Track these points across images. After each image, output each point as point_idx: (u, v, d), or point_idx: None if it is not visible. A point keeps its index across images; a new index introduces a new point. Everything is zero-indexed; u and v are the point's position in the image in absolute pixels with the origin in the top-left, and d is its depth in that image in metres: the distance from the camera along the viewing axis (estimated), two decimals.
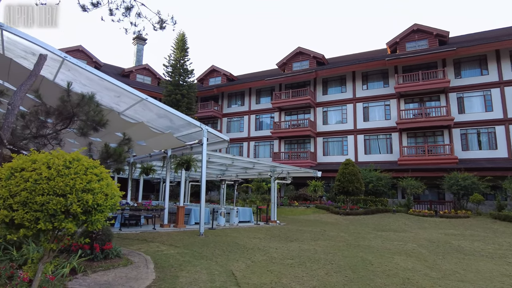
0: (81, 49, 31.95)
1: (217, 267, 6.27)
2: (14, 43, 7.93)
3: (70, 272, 5.14)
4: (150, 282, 5.01)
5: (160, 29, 10.35)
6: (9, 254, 5.24)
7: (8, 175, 2.84)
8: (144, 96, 9.06)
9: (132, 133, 9.17)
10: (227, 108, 36.10)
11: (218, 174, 20.83)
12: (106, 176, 3.20)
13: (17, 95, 5.92)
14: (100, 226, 3.16)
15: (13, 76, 9.25)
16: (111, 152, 6.60)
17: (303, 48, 32.89)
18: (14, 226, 2.87)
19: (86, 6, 10.12)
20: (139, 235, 10.16)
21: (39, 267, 3.39)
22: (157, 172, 17.73)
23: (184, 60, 30.35)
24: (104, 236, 6.19)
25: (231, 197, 26.56)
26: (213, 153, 13.99)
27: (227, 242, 9.41)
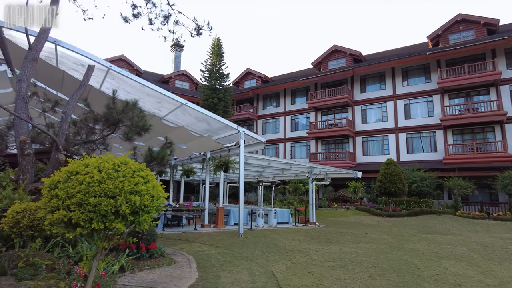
0: (123, 58, 33.69)
1: (258, 268, 6.31)
2: (66, 57, 8.55)
3: (119, 270, 5.44)
4: (194, 281, 5.15)
5: (197, 35, 10.66)
6: (66, 251, 5.64)
7: (66, 178, 3.08)
8: (183, 101, 9.35)
9: (173, 137, 9.51)
10: (262, 110, 36.27)
11: (255, 175, 20.98)
12: (151, 178, 3.36)
13: (70, 104, 6.38)
14: (147, 227, 3.31)
15: (65, 87, 9.96)
16: (155, 155, 6.90)
17: (339, 46, 32.23)
18: (71, 225, 3.10)
19: (127, 17, 10.68)
20: (181, 235, 10.50)
21: (93, 264, 3.62)
22: (196, 174, 18.22)
23: (220, 65, 30.94)
24: (149, 236, 6.47)
25: (269, 198, 26.61)
26: (250, 154, 14.12)
27: (266, 243, 9.44)
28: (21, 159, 5.79)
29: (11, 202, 5.03)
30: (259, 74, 37.43)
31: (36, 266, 4.49)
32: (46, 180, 3.18)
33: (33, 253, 4.76)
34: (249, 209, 14.78)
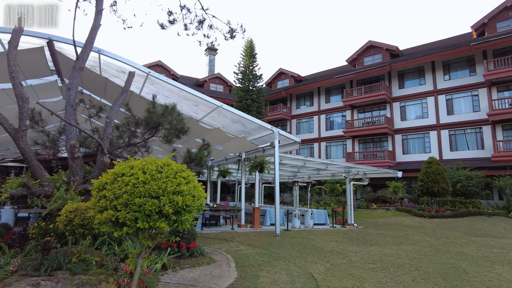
0: (160, 63, 34.95)
1: (296, 268, 6.27)
2: (108, 64, 9.02)
3: (161, 268, 5.65)
4: (233, 281, 5.23)
5: (230, 38, 10.82)
6: (112, 249, 5.95)
7: (112, 179, 3.26)
8: (219, 104, 9.52)
9: (210, 138, 9.73)
10: (296, 110, 36.01)
11: (290, 175, 20.87)
12: (192, 179, 3.46)
13: (113, 110, 6.72)
14: (189, 226, 3.41)
15: (108, 93, 10.51)
16: (193, 156, 7.09)
17: (374, 41, 31.24)
18: (118, 224, 3.28)
19: (164, 24, 11.08)
20: (219, 234, 10.69)
21: (138, 262, 3.80)
22: (232, 174, 18.47)
23: (252, 66, 31.16)
24: (189, 235, 6.66)
25: (304, 199, 26.35)
26: (285, 155, 14.07)
27: (304, 244, 9.36)
28: (71, 162, 6.20)
29: (64, 202, 5.41)
30: (292, 73, 37.21)
31: (87, 262, 4.79)
32: (95, 182, 3.38)
33: (84, 250, 5.08)
34: (285, 210, 14.73)
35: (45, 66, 9.50)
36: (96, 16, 7.79)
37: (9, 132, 5.56)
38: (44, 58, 8.93)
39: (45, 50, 8.63)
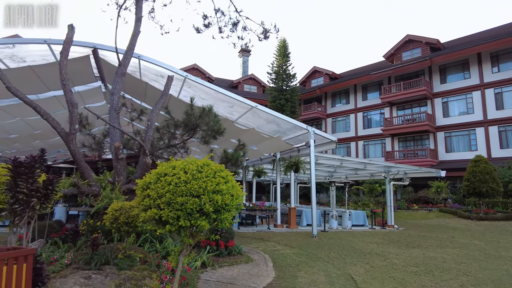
0: (196, 67, 35.85)
1: (335, 269, 6.17)
2: (148, 69, 9.41)
3: (201, 266, 5.79)
4: (271, 280, 5.24)
5: (264, 39, 10.86)
6: (154, 246, 6.20)
7: (156, 179, 3.40)
8: (253, 104, 9.59)
9: (245, 139, 9.82)
10: (331, 108, 35.35)
11: (326, 175, 20.53)
12: (231, 178, 3.53)
13: (153, 113, 7.00)
14: (228, 224, 3.48)
15: (148, 97, 10.96)
16: (229, 157, 7.20)
17: (413, 35, 29.91)
18: (161, 222, 3.41)
19: (199, 28, 11.34)
20: (255, 234, 10.77)
21: (180, 259, 3.92)
22: (267, 174, 18.52)
23: (286, 66, 31.04)
24: (227, 234, 6.77)
25: (341, 199, 25.80)
26: (321, 154, 13.87)
27: (342, 245, 9.17)
28: (115, 163, 6.54)
29: (110, 201, 5.72)
30: (327, 71, 36.60)
31: (132, 258, 5.03)
32: (139, 182, 3.54)
33: (129, 246, 5.34)
34: (321, 210, 14.52)
35: (90, 73, 10.11)
36: (136, 24, 8.15)
37: (61, 136, 5.97)
38: (89, 65, 9.51)
39: (90, 58, 9.19)
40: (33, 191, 4.04)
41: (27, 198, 3.98)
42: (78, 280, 4.17)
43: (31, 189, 3.98)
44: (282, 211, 14.25)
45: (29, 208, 4.05)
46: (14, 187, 3.90)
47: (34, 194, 4.06)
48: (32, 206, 4.12)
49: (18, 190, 3.89)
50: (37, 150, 5.46)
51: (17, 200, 3.91)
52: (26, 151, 17.37)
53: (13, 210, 3.96)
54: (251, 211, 12.21)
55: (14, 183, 3.89)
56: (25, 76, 8.70)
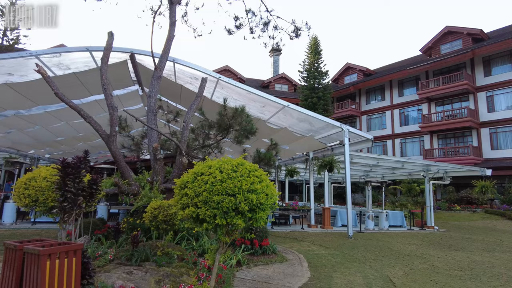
0: (228, 68, 36.32)
1: (372, 271, 6.00)
2: (182, 72, 9.66)
3: (236, 264, 5.87)
4: (306, 280, 5.20)
5: (295, 37, 10.79)
6: (190, 244, 6.36)
7: (193, 178, 3.49)
8: (285, 103, 9.56)
9: (277, 138, 9.81)
10: (365, 105, 34.37)
11: (362, 175, 20.01)
12: (265, 178, 3.54)
13: (189, 114, 7.18)
14: (263, 223, 3.50)
15: (183, 99, 11.26)
16: (262, 156, 7.23)
17: (453, 26, 28.36)
18: (198, 220, 3.50)
19: (231, 29, 11.48)
20: (289, 233, 10.72)
21: (216, 257, 4.00)
22: (300, 174, 18.37)
23: (318, 63, 30.62)
24: (261, 233, 6.80)
25: (377, 199, 25.04)
26: (356, 153, 13.54)
27: (379, 246, 8.90)
28: (154, 163, 6.79)
29: (149, 200, 5.94)
30: (360, 67, 35.65)
31: (170, 255, 5.20)
32: (177, 181, 3.66)
33: (167, 244, 5.52)
34: (357, 211, 14.18)
35: (128, 77, 10.57)
36: (170, 28, 8.40)
37: (103, 137, 6.30)
38: (127, 70, 9.95)
39: (128, 63, 9.61)
40: (79, 190, 4.29)
41: (75, 196, 4.24)
42: (120, 275, 4.38)
43: (77, 188, 4.23)
44: (316, 211, 14.08)
45: (76, 206, 4.31)
46: (63, 186, 4.17)
47: (80, 193, 4.32)
48: (79, 204, 4.39)
49: (66, 189, 4.15)
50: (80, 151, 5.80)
51: (65, 198, 4.18)
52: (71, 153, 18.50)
53: (62, 207, 4.23)
54: (284, 211, 12.17)
55: (63, 182, 4.16)
56: (70, 82, 9.26)
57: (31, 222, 10.88)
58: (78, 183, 4.22)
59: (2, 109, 10.29)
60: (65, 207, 4.23)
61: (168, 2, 8.76)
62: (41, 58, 8.38)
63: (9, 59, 8.16)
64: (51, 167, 4.75)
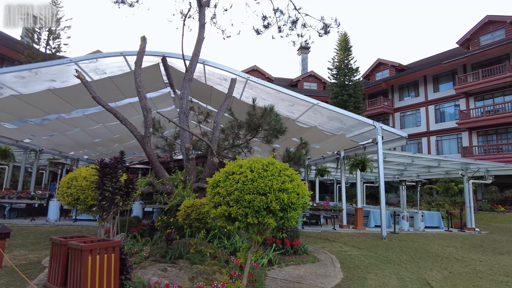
0: (256, 68, 36.45)
1: (408, 273, 5.79)
2: (212, 73, 9.81)
3: (267, 263, 5.87)
4: (339, 281, 5.11)
5: (324, 34, 10.63)
6: (222, 243, 6.44)
7: (224, 177, 3.54)
8: (315, 102, 9.45)
9: (306, 137, 9.72)
10: (398, 102, 33.20)
11: (396, 174, 19.36)
12: (296, 177, 3.52)
13: (219, 115, 7.28)
14: (295, 223, 3.48)
15: (213, 100, 11.43)
16: (292, 156, 7.19)
17: (494, 15, 26.71)
18: (230, 219, 3.54)
19: (259, 29, 11.50)
20: (320, 234, 10.58)
21: (248, 256, 4.03)
22: (331, 173, 18.08)
23: (348, 60, 29.98)
24: (292, 232, 6.77)
25: (412, 199, 24.13)
26: (389, 151, 13.12)
27: (415, 248, 8.57)
28: (186, 163, 6.95)
29: (182, 199, 6.09)
30: (392, 63, 34.49)
31: (203, 253, 5.29)
32: (210, 180, 3.72)
33: (200, 242, 5.63)
34: (391, 211, 13.74)
35: (160, 80, 10.88)
36: (199, 30, 8.56)
37: (137, 139, 6.53)
38: (159, 73, 10.25)
39: (160, 66, 9.90)
40: (116, 189, 4.49)
41: (112, 195, 4.44)
42: (156, 272, 4.52)
43: (115, 188, 4.42)
44: (347, 212, 13.80)
45: (113, 204, 4.51)
46: (101, 186, 4.37)
47: (117, 192, 4.52)
48: (116, 202, 4.59)
49: (104, 188, 4.35)
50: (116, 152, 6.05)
51: (104, 197, 4.38)
52: (107, 154, 19.36)
53: (101, 206, 4.45)
54: (315, 211, 12.03)
55: (101, 182, 4.36)
56: (106, 86, 9.70)
57: (73, 220, 11.52)
58: (115, 183, 4.41)
59: (45, 113, 10.96)
60: (104, 205, 4.43)
61: (197, 5, 8.92)
62: (80, 64, 8.84)
63: (52, 67, 8.69)
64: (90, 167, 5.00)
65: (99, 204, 4.43)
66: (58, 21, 25.13)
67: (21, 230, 8.91)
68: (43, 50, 24.44)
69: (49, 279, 4.01)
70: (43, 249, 6.65)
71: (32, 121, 11.72)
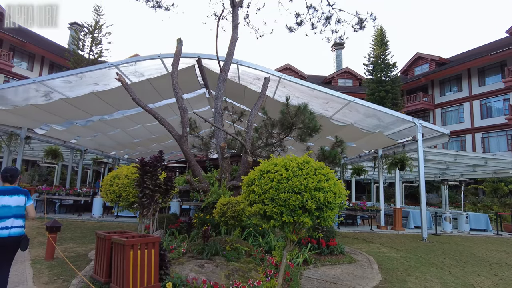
0: (289, 66, 36.21)
1: (452, 278, 5.49)
2: (245, 73, 9.89)
3: (302, 262, 5.83)
4: (377, 283, 4.96)
5: (360, 29, 10.35)
6: (257, 241, 6.48)
7: (259, 176, 3.56)
8: (351, 98, 9.22)
9: (341, 135, 9.49)
10: (439, 97, 31.50)
11: (437, 173, 18.43)
12: (332, 176, 3.46)
13: (252, 114, 7.33)
14: (331, 223, 3.42)
15: (247, 99, 11.52)
16: (327, 154, 7.07)
17: None
18: (266, 217, 3.55)
19: (292, 27, 11.42)
20: (357, 234, 10.33)
21: (284, 254, 4.02)
22: (368, 172, 17.58)
23: (384, 55, 28.94)
24: (328, 232, 6.66)
25: (455, 200, 22.84)
26: (430, 149, 12.52)
27: (459, 251, 8.11)
28: (221, 161, 7.06)
29: (218, 197, 6.21)
30: (432, 56, 32.79)
31: (238, 250, 5.36)
32: (245, 178, 3.75)
33: (235, 239, 5.70)
34: (432, 212, 13.10)
35: (196, 81, 11.15)
36: (233, 31, 8.65)
37: (175, 138, 6.74)
38: (195, 74, 10.50)
39: (195, 67, 10.13)
40: (156, 186, 4.66)
41: (152, 192, 4.61)
42: (193, 268, 4.64)
43: (154, 185, 4.59)
44: (385, 212, 13.34)
45: (153, 201, 4.69)
46: (142, 183, 4.56)
47: (157, 189, 4.69)
48: (156, 199, 4.76)
49: (145, 185, 4.53)
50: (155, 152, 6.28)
51: (144, 194, 4.57)
52: (146, 153, 20.16)
53: (141, 203, 4.64)
54: (351, 211, 11.75)
55: (142, 180, 4.55)
56: (144, 88, 10.09)
57: (115, 216, 12.12)
58: (155, 180, 4.58)
59: (89, 115, 11.62)
60: (144, 202, 4.62)
61: (230, 5, 9.03)
62: (120, 68, 9.28)
63: (95, 71, 9.20)
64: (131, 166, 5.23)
65: (139, 201, 4.62)
66: (100, 28, 26.56)
67: (69, 225, 9.53)
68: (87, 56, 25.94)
69: (95, 271, 4.24)
70: (89, 243, 7.07)
71: (78, 122, 12.48)
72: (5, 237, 3.29)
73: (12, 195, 3.43)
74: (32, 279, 4.49)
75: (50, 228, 5.50)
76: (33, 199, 11.22)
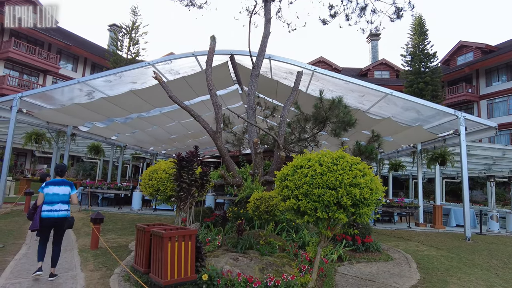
0: (322, 59, 35.54)
1: (500, 281, 5.17)
2: (278, 68, 9.85)
3: (337, 259, 5.75)
4: (415, 282, 4.79)
5: (397, 19, 9.94)
6: (290, 236, 6.48)
7: (293, 171, 3.55)
8: (388, 91, 8.91)
9: (378, 130, 9.20)
10: (485, 88, 29.48)
11: (482, 169, 17.34)
12: (368, 172, 3.38)
13: (285, 109, 7.30)
14: (367, 219, 3.35)
15: (279, 94, 11.48)
16: (363, 149, 6.90)
17: None
18: (299, 213, 3.55)
19: (325, 19, 11.19)
20: (394, 232, 10.01)
21: (318, 250, 4.00)
22: (406, 168, 16.93)
23: (423, 45, 27.53)
24: (363, 229, 6.51)
25: (503, 197, 21.40)
26: (473, 144, 11.80)
27: (508, 252, 7.61)
28: (255, 157, 7.12)
29: (251, 191, 6.27)
30: (477, 44, 30.70)
31: (272, 245, 5.39)
32: (278, 173, 3.76)
33: (269, 234, 5.74)
34: (476, 210, 12.38)
35: (229, 78, 11.27)
36: (265, 26, 8.63)
37: (210, 134, 6.88)
38: (228, 70, 10.61)
39: (228, 64, 10.24)
40: (192, 181, 4.80)
41: (189, 186, 4.76)
42: (228, 261, 4.74)
43: (191, 179, 4.74)
44: (425, 209, 12.79)
45: (190, 195, 4.84)
46: (179, 178, 4.72)
47: (193, 183, 4.83)
48: (192, 193, 4.91)
49: (182, 180, 4.69)
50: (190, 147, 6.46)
51: (181, 188, 4.73)
52: (182, 149, 20.76)
53: (178, 196, 4.80)
54: (388, 208, 11.38)
55: (179, 174, 4.71)
56: (180, 85, 10.37)
57: (153, 209, 12.63)
58: (191, 175, 4.72)
59: (128, 113, 12.15)
60: (181, 196, 4.78)
61: (262, 0, 9.01)
62: (156, 66, 9.59)
63: (133, 70, 9.59)
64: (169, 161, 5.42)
65: (177, 194, 4.79)
66: (137, 28, 27.56)
67: (111, 217, 10.06)
68: (125, 56, 27.06)
69: (136, 261, 4.46)
70: (129, 235, 7.43)
71: (118, 120, 13.10)
72: (55, 217, 4.29)
73: (60, 186, 4.42)
74: (80, 266, 4.82)
75: (94, 219, 5.85)
76: (78, 192, 11.98)
